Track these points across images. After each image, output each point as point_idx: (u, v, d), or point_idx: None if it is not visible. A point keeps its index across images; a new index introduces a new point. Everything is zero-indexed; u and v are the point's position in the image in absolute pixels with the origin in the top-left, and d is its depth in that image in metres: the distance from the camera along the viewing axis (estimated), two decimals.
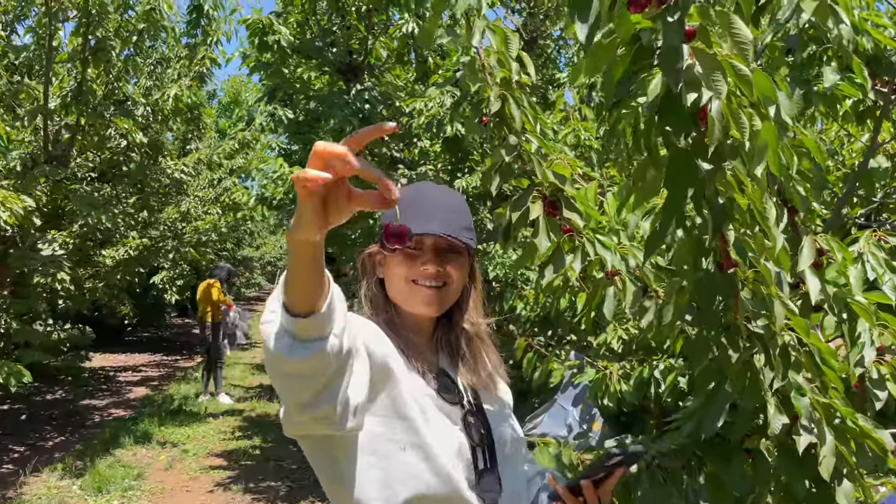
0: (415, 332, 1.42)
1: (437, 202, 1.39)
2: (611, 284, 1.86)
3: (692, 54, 1.19)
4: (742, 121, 1.18)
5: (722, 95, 1.10)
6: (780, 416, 1.61)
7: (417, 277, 1.37)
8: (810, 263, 1.71)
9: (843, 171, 3.82)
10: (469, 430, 1.36)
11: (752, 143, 1.18)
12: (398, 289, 1.39)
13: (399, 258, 1.36)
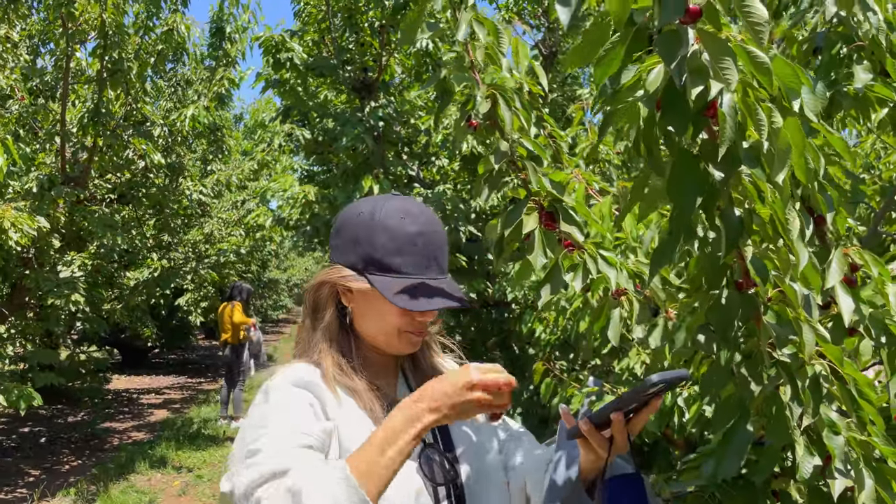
0: (376, 359, 1.33)
1: (436, 243, 1.28)
2: (617, 305, 1.67)
3: (698, 38, 1.02)
4: (760, 117, 1.00)
5: (732, 86, 0.93)
6: (811, 458, 1.41)
7: (413, 329, 1.28)
8: (841, 279, 1.50)
9: (881, 184, 3.59)
10: (430, 467, 1.23)
11: (772, 143, 1.00)
12: (381, 331, 1.28)
13: (396, 309, 1.24)
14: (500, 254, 1.67)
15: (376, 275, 1.23)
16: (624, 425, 1.18)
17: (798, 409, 1.41)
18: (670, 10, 0.89)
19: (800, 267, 1.12)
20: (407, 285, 1.22)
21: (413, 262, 1.24)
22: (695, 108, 1.00)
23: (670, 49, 0.96)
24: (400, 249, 1.23)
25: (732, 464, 1.48)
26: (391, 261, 1.23)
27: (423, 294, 1.23)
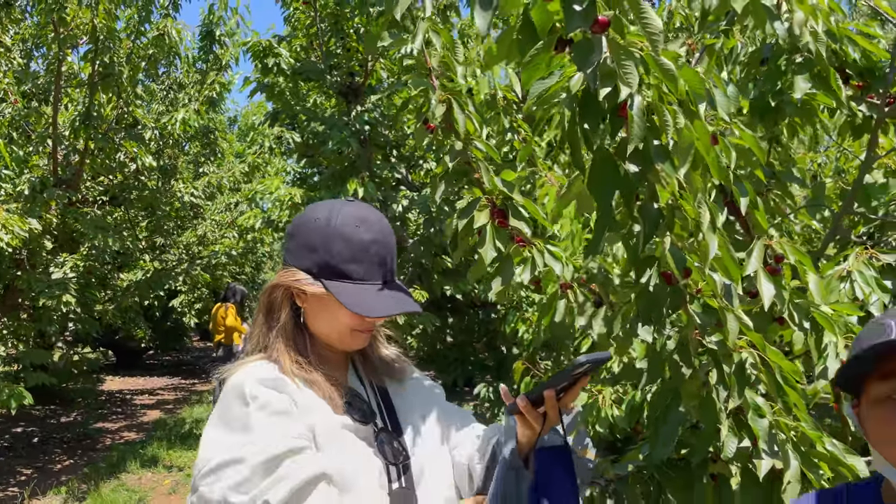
0: (329, 354, 1.39)
1: (388, 251, 1.33)
2: (563, 297, 1.78)
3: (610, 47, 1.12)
4: (666, 118, 1.10)
5: (633, 88, 1.03)
6: (734, 439, 1.51)
7: (364, 328, 1.34)
8: (761, 267, 1.60)
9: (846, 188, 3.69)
10: (382, 448, 1.32)
11: (676, 142, 1.10)
12: (333, 330, 1.34)
13: (348, 312, 1.30)
14: (455, 248, 1.77)
15: (332, 280, 1.28)
16: (556, 402, 1.29)
17: (724, 393, 1.51)
18: (576, 21, 0.99)
19: (709, 256, 1.22)
20: (361, 291, 1.28)
21: (367, 269, 1.29)
22: (607, 108, 1.10)
23: (584, 56, 1.06)
24: (355, 257, 1.29)
25: (666, 445, 1.58)
26: (346, 267, 1.28)
27: (375, 299, 1.29)
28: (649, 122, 1.12)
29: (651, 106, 1.10)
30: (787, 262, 1.79)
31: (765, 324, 1.81)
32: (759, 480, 1.60)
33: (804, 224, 3.52)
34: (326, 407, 1.30)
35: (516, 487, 1.36)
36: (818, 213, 3.38)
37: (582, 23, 1.00)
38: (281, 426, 1.20)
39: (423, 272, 6.12)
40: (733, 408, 1.52)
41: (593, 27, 1.04)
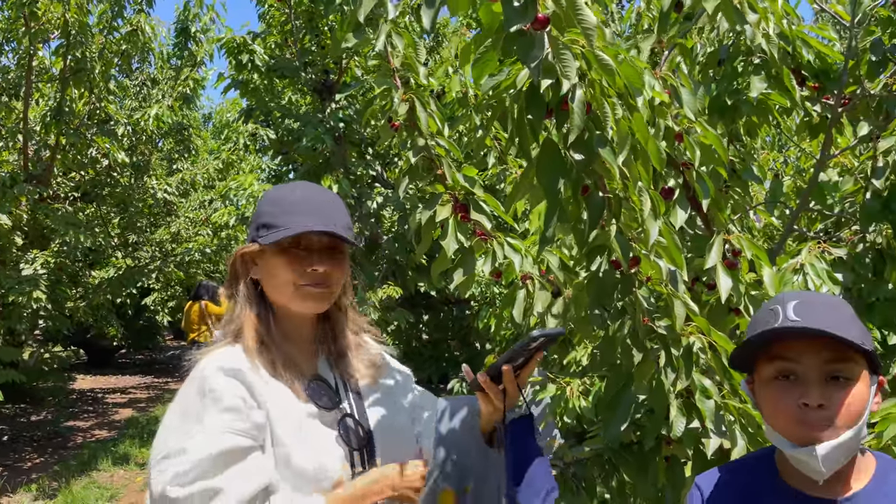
0: (295, 330, 1.41)
1: (319, 199, 1.37)
2: (523, 287, 1.85)
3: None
4: (605, 110, 1.17)
5: (573, 81, 1.10)
6: (682, 418, 1.59)
7: (306, 281, 1.35)
8: (720, 261, 1.69)
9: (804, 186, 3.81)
10: (347, 434, 1.34)
11: (615, 132, 1.17)
12: (282, 291, 1.36)
13: (284, 261, 1.33)
14: (419, 242, 1.83)
15: (264, 236, 1.32)
16: (514, 377, 1.35)
17: (672, 375, 1.59)
18: (515, 18, 1.05)
19: (650, 241, 1.29)
20: (286, 232, 1.30)
21: (298, 217, 1.31)
22: (551, 101, 1.17)
23: (528, 51, 1.13)
24: (283, 210, 1.33)
25: (618, 426, 1.65)
26: (274, 220, 1.32)
27: (295, 230, 1.30)
28: (591, 115, 1.19)
29: (592, 98, 1.16)
30: (745, 256, 1.88)
31: (722, 314, 1.90)
32: (707, 459, 1.68)
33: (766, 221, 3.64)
34: (289, 395, 1.32)
35: (485, 467, 1.42)
36: (777, 210, 3.50)
37: (521, 20, 1.07)
38: (230, 422, 1.22)
39: (398, 269, 6.17)
40: (681, 389, 1.59)
41: (534, 24, 1.10)
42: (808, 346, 1.02)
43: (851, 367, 1.03)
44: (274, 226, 1.32)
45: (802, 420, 1.01)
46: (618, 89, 1.17)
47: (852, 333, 1.01)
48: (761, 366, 1.08)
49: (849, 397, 1.01)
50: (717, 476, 1.19)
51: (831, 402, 1.01)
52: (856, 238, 2.75)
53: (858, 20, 2.83)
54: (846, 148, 3.13)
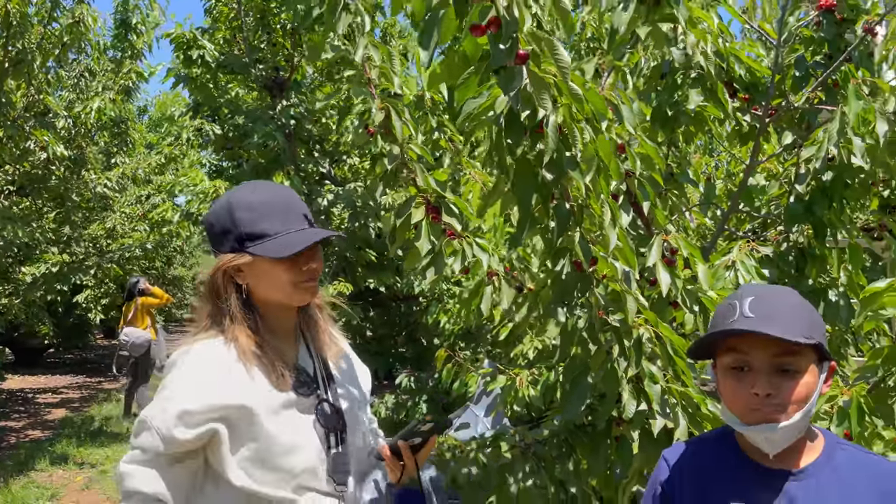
0: (280, 323, 1.49)
1: (289, 198, 1.46)
2: (489, 284, 2.01)
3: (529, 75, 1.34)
4: (575, 134, 1.34)
5: (549, 110, 1.26)
6: (633, 402, 1.78)
7: (304, 278, 1.44)
8: (659, 259, 1.89)
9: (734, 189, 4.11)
10: (323, 417, 1.45)
11: (582, 154, 1.34)
12: (280, 292, 1.44)
13: (283, 266, 1.40)
14: (393, 241, 1.97)
15: (253, 245, 1.39)
16: (411, 453, 1.48)
17: (624, 364, 1.78)
18: (501, 56, 1.21)
19: (609, 247, 1.47)
20: (283, 240, 1.38)
21: (280, 221, 1.40)
22: (528, 126, 1.33)
23: (508, 83, 1.28)
24: (261, 216, 1.39)
25: (575, 409, 1.84)
26: (259, 228, 1.39)
27: (297, 239, 1.39)
28: (561, 137, 1.35)
29: (563, 123, 1.33)
30: (681, 254, 2.09)
31: (662, 307, 2.10)
32: (653, 438, 1.88)
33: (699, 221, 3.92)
34: (273, 385, 1.40)
35: None
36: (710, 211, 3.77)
37: (506, 58, 1.22)
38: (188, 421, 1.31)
39: (347, 265, 6.25)
40: (632, 376, 1.79)
41: (515, 59, 1.26)
42: (759, 341, 1.16)
43: (798, 360, 1.17)
44: (263, 234, 1.39)
45: (753, 406, 1.17)
46: (586, 115, 1.33)
47: (799, 330, 1.15)
48: (721, 355, 1.23)
49: (797, 386, 1.16)
50: (682, 449, 1.35)
51: (779, 391, 1.16)
52: (780, 238, 3.02)
53: (784, 38, 3.10)
54: (772, 155, 3.41)
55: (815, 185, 2.67)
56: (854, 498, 1.18)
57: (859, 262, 2.92)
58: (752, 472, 1.24)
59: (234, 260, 1.41)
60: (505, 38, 1.23)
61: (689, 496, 1.29)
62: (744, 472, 1.24)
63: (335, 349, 1.58)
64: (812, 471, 1.21)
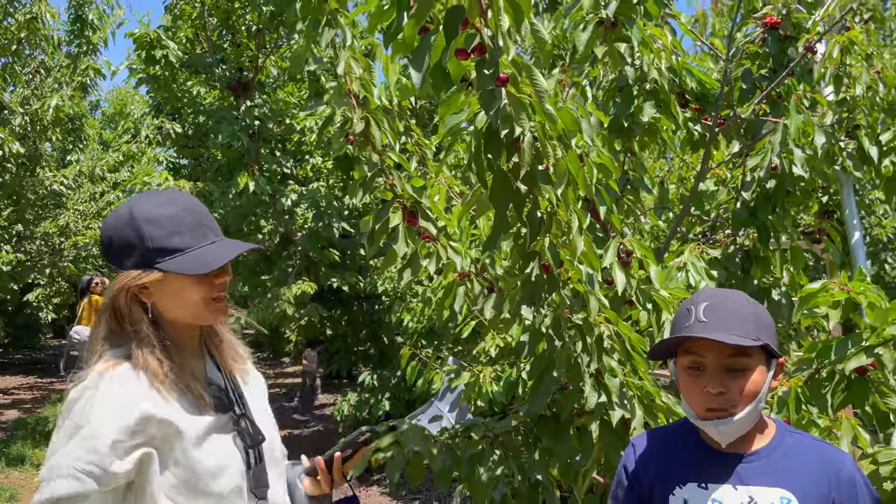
0: (186, 339, 1.41)
1: (202, 212, 1.39)
2: (462, 284, 2.14)
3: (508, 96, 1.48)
4: (549, 151, 1.48)
5: (525, 130, 1.39)
6: (594, 394, 1.93)
7: (216, 294, 1.37)
8: (616, 260, 2.05)
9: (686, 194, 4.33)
10: (242, 434, 1.40)
11: (555, 168, 1.48)
12: (190, 310, 1.36)
13: (193, 281, 1.33)
14: (372, 243, 2.08)
15: (164, 261, 1.30)
16: (341, 465, 1.54)
17: (587, 359, 1.93)
18: (485, 80, 1.34)
19: (577, 252, 1.62)
20: (195, 256, 1.31)
21: (190, 236, 1.32)
22: (506, 142, 1.46)
23: (489, 103, 1.41)
24: (172, 231, 1.31)
25: (541, 402, 1.98)
26: (169, 243, 1.30)
27: (212, 255, 1.32)
28: (536, 152, 1.49)
29: (537, 140, 1.46)
30: (636, 256, 2.26)
31: (618, 305, 2.26)
32: (612, 428, 2.03)
33: (653, 223, 4.13)
34: (191, 407, 1.33)
35: None
36: (663, 214, 3.98)
37: (490, 82, 1.35)
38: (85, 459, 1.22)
39: (311, 265, 6.32)
40: (593, 370, 1.94)
41: (497, 82, 1.39)
42: (712, 344, 1.30)
43: (748, 360, 1.31)
44: (175, 249, 1.31)
45: (707, 403, 1.31)
46: (558, 132, 1.47)
47: (748, 333, 1.28)
48: (679, 356, 1.37)
49: (746, 384, 1.30)
50: (648, 436, 1.50)
51: (730, 389, 1.30)
52: (728, 241, 3.23)
53: (732, 53, 3.31)
54: (721, 162, 3.62)
55: (759, 192, 2.87)
56: (800, 477, 1.33)
57: (800, 263, 3.15)
58: (708, 455, 1.38)
59: (141, 278, 1.31)
60: (489, 65, 1.36)
61: (652, 476, 1.43)
62: (701, 455, 1.38)
63: (241, 363, 1.51)
64: (762, 453, 1.36)
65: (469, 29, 1.35)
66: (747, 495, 1.35)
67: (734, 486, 1.36)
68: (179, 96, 6.01)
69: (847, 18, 2.85)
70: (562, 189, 1.48)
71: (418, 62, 1.35)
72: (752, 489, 1.36)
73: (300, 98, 7.60)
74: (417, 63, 1.35)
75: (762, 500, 1.35)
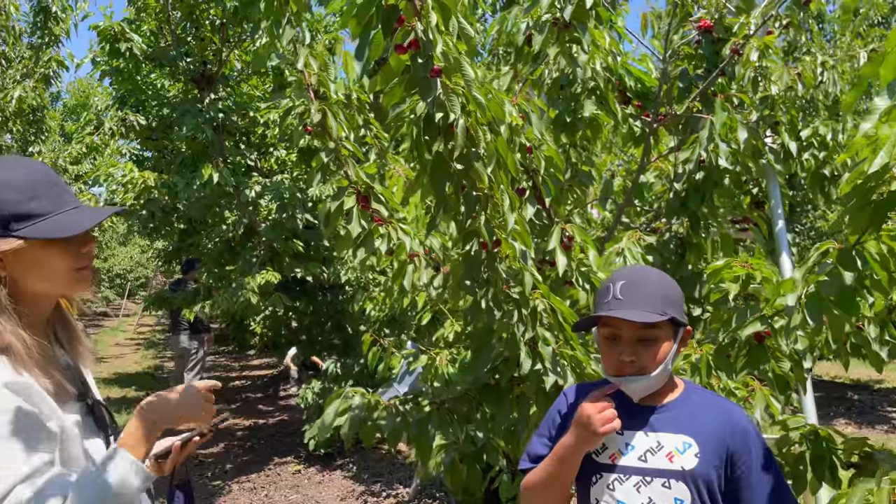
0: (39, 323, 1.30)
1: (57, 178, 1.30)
2: (410, 263, 2.33)
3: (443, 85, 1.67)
4: (479, 135, 1.68)
5: (457, 115, 1.59)
6: (528, 360, 2.14)
7: (83, 264, 1.29)
8: (558, 244, 2.26)
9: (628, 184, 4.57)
10: (101, 422, 1.34)
11: (485, 150, 1.68)
12: (56, 281, 1.26)
13: (59, 249, 1.24)
14: (328, 225, 2.26)
15: (24, 227, 1.19)
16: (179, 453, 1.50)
17: (522, 328, 2.13)
18: (420, 71, 1.52)
19: (508, 228, 1.82)
20: (58, 221, 1.21)
21: (48, 201, 1.22)
22: (442, 127, 1.66)
23: (426, 92, 1.60)
24: (30, 195, 1.20)
25: (482, 367, 2.18)
26: (28, 208, 1.20)
27: (79, 217, 1.23)
28: (468, 136, 1.69)
29: (470, 125, 1.66)
30: (577, 241, 2.47)
31: (560, 285, 2.47)
32: (546, 392, 2.24)
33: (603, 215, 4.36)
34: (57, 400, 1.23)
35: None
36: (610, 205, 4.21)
37: (423, 72, 1.54)
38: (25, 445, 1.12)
39: (275, 255, 6.44)
40: (528, 339, 2.14)
41: (431, 73, 1.59)
42: (626, 320, 1.50)
43: (656, 331, 1.52)
44: (33, 215, 1.21)
45: (620, 368, 1.53)
46: (487, 119, 1.67)
47: (656, 308, 1.48)
48: (600, 327, 1.59)
49: (655, 353, 1.52)
50: (577, 388, 1.71)
51: (640, 357, 1.52)
52: (664, 228, 3.47)
53: (669, 54, 3.55)
54: (660, 156, 3.87)
55: (689, 184, 3.12)
56: (701, 426, 1.55)
57: (730, 249, 3.40)
58: (626, 407, 1.59)
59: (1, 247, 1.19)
60: (423, 56, 1.55)
61: None
62: (620, 407, 1.59)
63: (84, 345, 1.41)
64: (671, 407, 1.59)
65: (405, 26, 1.54)
66: (656, 440, 1.58)
67: (646, 433, 1.58)
68: (144, 89, 6.08)
69: (769, 24, 3.10)
70: (491, 168, 1.68)
71: (360, 53, 1.54)
72: (661, 435, 1.58)
73: (264, 91, 7.70)
74: (359, 54, 1.54)
75: (668, 444, 1.57)
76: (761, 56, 2.87)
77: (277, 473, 6.51)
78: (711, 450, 1.54)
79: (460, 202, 1.83)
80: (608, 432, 1.50)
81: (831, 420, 7.78)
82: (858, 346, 2.11)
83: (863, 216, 1.45)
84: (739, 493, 1.55)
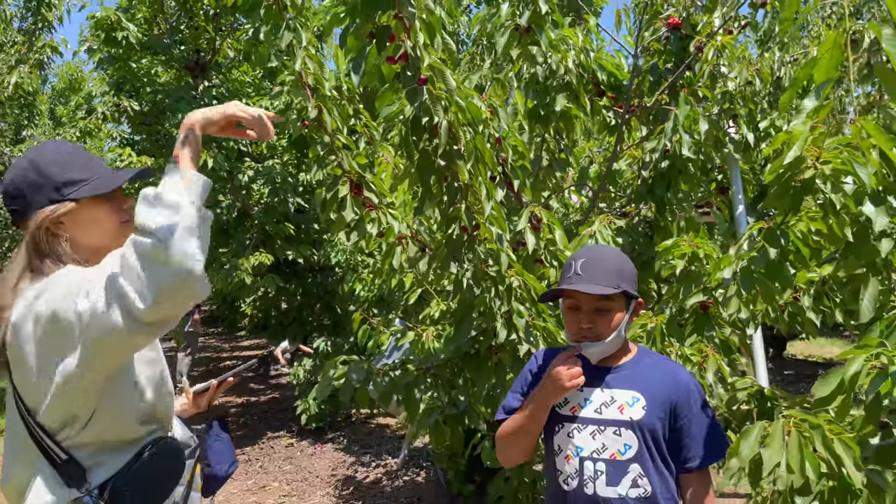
0: None
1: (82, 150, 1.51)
2: (399, 245, 2.59)
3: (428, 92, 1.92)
4: (460, 134, 1.93)
5: (441, 118, 1.84)
6: (504, 330, 2.41)
7: (127, 217, 1.47)
8: (527, 225, 2.53)
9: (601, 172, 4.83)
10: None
11: (465, 148, 1.94)
12: (108, 235, 1.46)
13: (108, 207, 1.45)
14: (324, 211, 2.51)
15: (73, 191, 1.40)
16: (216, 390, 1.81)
17: (499, 303, 2.40)
18: (409, 80, 1.78)
19: (485, 214, 2.08)
20: (103, 181, 1.43)
21: (92, 169, 1.45)
22: (427, 128, 1.91)
23: (413, 98, 1.86)
24: (74, 166, 1.42)
25: (463, 337, 2.45)
26: (72, 175, 1.41)
27: (119, 177, 1.46)
28: (451, 136, 1.94)
29: (452, 126, 1.92)
30: (545, 222, 2.74)
31: (530, 263, 2.74)
32: (521, 359, 2.52)
33: (581, 200, 4.63)
34: None
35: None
36: (585, 192, 4.48)
37: (412, 82, 1.80)
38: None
39: (267, 238, 6.67)
40: (504, 312, 2.41)
41: (418, 82, 1.84)
42: (584, 293, 1.75)
43: (611, 303, 1.77)
44: (79, 180, 1.42)
45: (580, 334, 1.79)
46: (467, 120, 1.92)
47: (611, 283, 1.73)
48: (564, 299, 1.84)
49: (610, 321, 1.77)
50: (545, 352, 1.97)
51: (596, 325, 1.77)
52: (634, 212, 3.75)
53: (640, 49, 3.81)
54: (632, 145, 4.14)
55: (655, 171, 3.39)
56: (649, 383, 1.82)
57: (695, 232, 3.68)
58: (586, 368, 1.84)
59: (57, 210, 1.39)
60: (412, 68, 1.81)
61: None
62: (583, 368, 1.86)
63: None
64: (624, 367, 1.85)
65: (396, 41, 1.79)
66: (610, 395, 1.85)
67: (602, 389, 1.85)
68: (139, 76, 6.25)
69: (729, 24, 3.37)
70: (471, 164, 1.94)
71: (356, 65, 1.79)
72: (614, 391, 1.85)
73: (254, 77, 7.87)
74: (356, 66, 1.79)
75: (619, 399, 1.85)
76: (717, 56, 3.13)
77: (271, 447, 6.79)
78: (657, 404, 1.81)
79: (443, 192, 2.09)
80: (574, 387, 1.75)
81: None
82: (795, 314, 2.40)
83: (784, 201, 1.72)
84: (681, 440, 1.82)
